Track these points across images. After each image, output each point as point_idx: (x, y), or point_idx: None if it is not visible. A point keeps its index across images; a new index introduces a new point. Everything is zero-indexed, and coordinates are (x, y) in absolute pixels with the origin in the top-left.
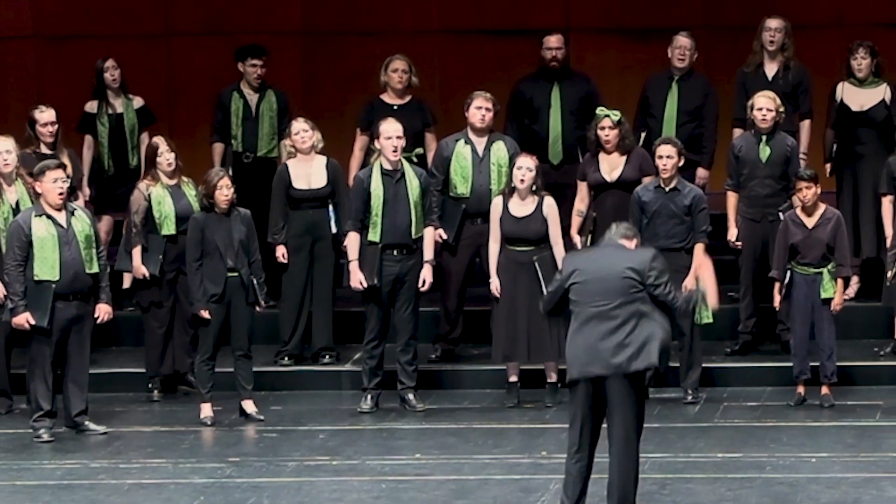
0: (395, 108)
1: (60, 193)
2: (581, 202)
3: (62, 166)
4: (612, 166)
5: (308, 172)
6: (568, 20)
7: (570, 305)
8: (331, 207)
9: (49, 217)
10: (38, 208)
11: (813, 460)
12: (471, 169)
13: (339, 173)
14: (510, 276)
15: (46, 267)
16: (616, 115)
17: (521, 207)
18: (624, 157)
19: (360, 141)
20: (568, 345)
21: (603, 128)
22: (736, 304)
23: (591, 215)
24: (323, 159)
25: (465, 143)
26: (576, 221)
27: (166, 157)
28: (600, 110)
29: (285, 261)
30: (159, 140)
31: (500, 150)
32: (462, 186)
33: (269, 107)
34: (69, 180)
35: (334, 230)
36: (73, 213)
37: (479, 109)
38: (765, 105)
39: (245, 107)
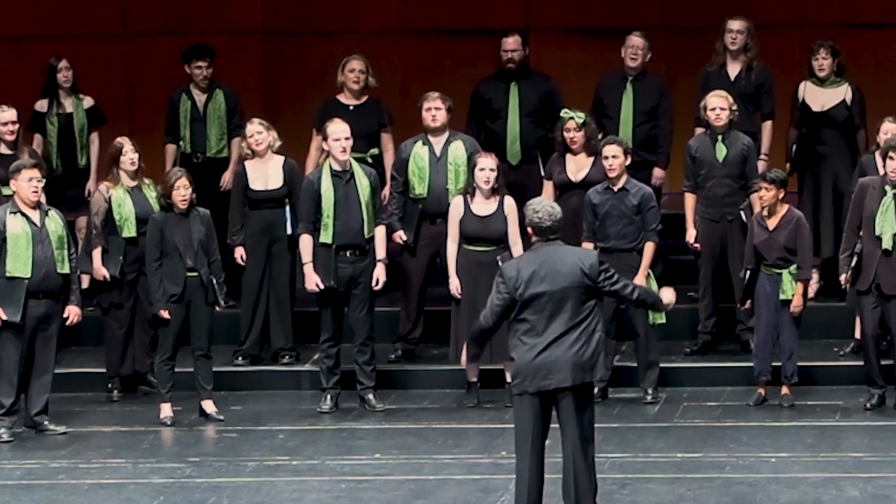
0: (352, 108)
1: (35, 192)
2: None
3: (38, 166)
4: (578, 167)
5: (265, 173)
6: (528, 20)
7: (516, 313)
8: (287, 208)
9: (23, 215)
10: (13, 205)
11: (773, 460)
12: (428, 169)
13: (295, 174)
14: (471, 277)
15: (19, 264)
16: (581, 117)
17: (484, 207)
18: (591, 159)
19: (316, 142)
20: (517, 354)
21: (568, 129)
22: (695, 304)
23: None
24: (280, 160)
25: (423, 143)
26: None
27: (130, 157)
28: (565, 112)
29: (244, 263)
30: (124, 140)
31: (457, 149)
32: (420, 187)
33: (216, 107)
34: (44, 180)
35: (289, 231)
36: (46, 213)
37: (430, 111)
38: (717, 104)
39: (193, 108)
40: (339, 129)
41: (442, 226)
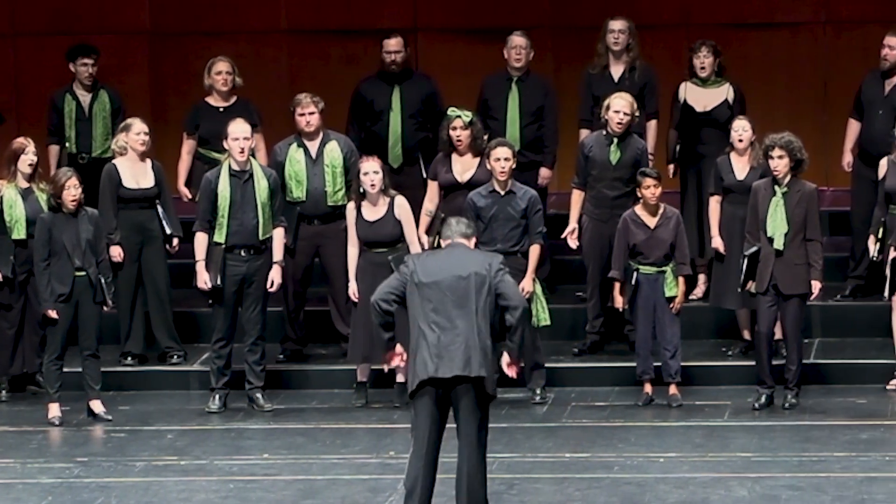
0: (221, 110)
1: None
2: (430, 202)
3: None
4: (464, 168)
5: (136, 172)
6: (416, 20)
7: (414, 308)
8: (160, 208)
9: None
10: None
11: (661, 460)
12: (305, 172)
13: (163, 175)
14: (369, 277)
15: None
16: (468, 116)
17: (373, 211)
18: (477, 159)
19: (187, 145)
20: (414, 348)
21: (455, 128)
22: (583, 305)
23: (439, 215)
24: (149, 161)
25: (298, 146)
26: (424, 221)
27: (30, 158)
28: (451, 111)
29: (121, 259)
30: (27, 141)
31: (333, 150)
32: (297, 190)
33: (102, 107)
34: None
35: (168, 231)
36: None
37: (304, 116)
38: (622, 108)
39: (78, 108)
40: (238, 129)
41: (318, 226)
